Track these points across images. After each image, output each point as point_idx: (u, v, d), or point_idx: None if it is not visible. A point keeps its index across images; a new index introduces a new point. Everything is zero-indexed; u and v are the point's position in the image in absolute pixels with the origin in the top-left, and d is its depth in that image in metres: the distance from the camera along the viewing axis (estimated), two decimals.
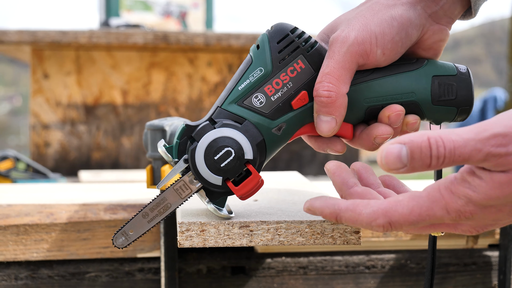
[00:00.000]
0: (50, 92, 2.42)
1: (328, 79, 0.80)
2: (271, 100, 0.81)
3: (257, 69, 0.81)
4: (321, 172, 2.57)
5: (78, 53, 2.44)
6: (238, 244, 0.82)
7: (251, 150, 0.80)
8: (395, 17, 0.81)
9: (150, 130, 1.03)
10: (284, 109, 0.82)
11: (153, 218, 0.84)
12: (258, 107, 0.81)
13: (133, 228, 0.85)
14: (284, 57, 0.81)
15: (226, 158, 0.80)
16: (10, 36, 2.26)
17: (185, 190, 0.83)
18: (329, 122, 0.81)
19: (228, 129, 0.80)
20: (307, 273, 1.10)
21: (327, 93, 0.80)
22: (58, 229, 1.04)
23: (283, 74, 0.81)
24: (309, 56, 0.82)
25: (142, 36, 2.33)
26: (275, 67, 0.81)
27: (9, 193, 1.18)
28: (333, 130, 0.82)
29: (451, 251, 1.14)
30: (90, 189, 1.26)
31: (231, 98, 0.82)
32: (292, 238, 0.82)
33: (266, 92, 0.81)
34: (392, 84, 0.82)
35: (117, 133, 2.45)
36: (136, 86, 2.47)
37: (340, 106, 0.80)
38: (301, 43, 0.82)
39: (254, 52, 0.83)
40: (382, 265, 1.12)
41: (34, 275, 1.06)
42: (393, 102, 0.82)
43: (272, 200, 0.97)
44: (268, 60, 0.81)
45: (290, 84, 0.81)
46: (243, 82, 0.82)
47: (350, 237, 0.83)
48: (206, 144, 0.80)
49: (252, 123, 0.81)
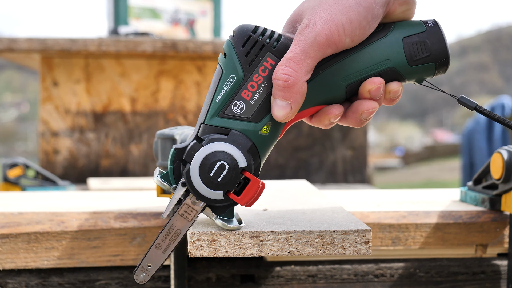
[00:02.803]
0: (59, 100, 2.43)
1: (288, 63, 0.79)
2: (251, 103, 0.81)
3: (229, 77, 0.81)
4: (329, 180, 2.57)
5: (87, 61, 2.45)
6: (248, 254, 0.82)
7: (243, 158, 0.80)
8: (359, 2, 0.80)
9: (161, 139, 1.04)
10: (265, 109, 0.81)
11: (167, 248, 0.85)
12: (240, 114, 0.81)
13: (150, 261, 0.86)
14: (252, 59, 0.81)
15: (221, 172, 0.80)
16: (20, 44, 2.27)
17: (190, 212, 0.83)
18: (284, 108, 0.80)
19: (216, 143, 0.80)
20: (316, 282, 1.11)
21: (285, 77, 0.79)
22: (68, 237, 1.05)
23: (255, 76, 0.81)
24: (277, 51, 0.81)
25: (151, 44, 2.34)
26: (246, 71, 0.81)
27: (20, 201, 1.18)
28: (288, 115, 0.80)
29: (460, 260, 1.14)
30: (100, 197, 1.26)
31: (212, 112, 0.81)
32: (302, 248, 0.83)
33: (244, 97, 0.81)
34: (365, 57, 0.82)
35: (126, 141, 2.46)
36: (144, 93, 2.48)
37: (297, 92, 0.80)
38: (265, 40, 0.81)
39: (222, 61, 0.82)
40: (391, 274, 1.12)
41: (45, 282, 1.07)
42: (371, 74, 0.82)
43: (281, 209, 0.97)
44: (238, 66, 0.81)
45: (265, 84, 0.81)
46: (219, 94, 0.81)
47: (360, 247, 0.83)
48: (198, 164, 0.80)
49: (238, 131, 0.81)
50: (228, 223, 0.82)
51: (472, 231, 1.11)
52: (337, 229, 0.83)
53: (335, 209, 0.97)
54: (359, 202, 1.19)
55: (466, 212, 1.12)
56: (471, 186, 1.20)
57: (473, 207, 1.16)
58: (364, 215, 1.09)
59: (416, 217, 1.11)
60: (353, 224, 0.85)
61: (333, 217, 0.91)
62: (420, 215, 1.11)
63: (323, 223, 0.86)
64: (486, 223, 1.11)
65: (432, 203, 1.19)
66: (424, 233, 1.10)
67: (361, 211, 1.10)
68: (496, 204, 1.12)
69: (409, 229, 1.10)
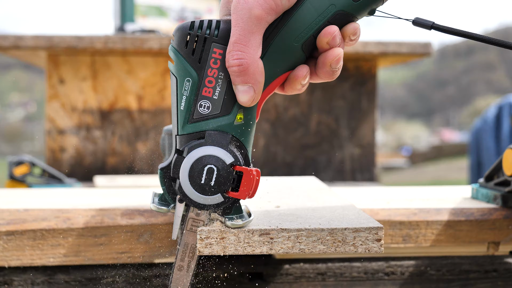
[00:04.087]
0: (66, 98, 2.42)
1: (236, 47, 0.77)
2: (215, 99, 0.79)
3: (185, 81, 0.79)
4: (336, 178, 2.55)
5: (94, 59, 2.44)
6: (258, 252, 0.81)
7: (228, 154, 0.79)
8: None
9: (168, 135, 1.02)
10: (231, 98, 0.80)
11: (189, 265, 0.85)
12: (209, 113, 0.79)
13: (177, 284, 0.85)
14: (200, 56, 0.79)
15: (211, 176, 0.79)
16: (26, 41, 2.26)
17: (197, 224, 0.82)
18: (247, 92, 0.79)
19: (196, 150, 0.79)
20: (326, 280, 1.09)
21: (237, 62, 0.77)
22: (75, 234, 1.04)
23: (209, 71, 0.79)
24: (220, 39, 0.79)
25: (157, 42, 2.33)
26: (198, 70, 0.79)
27: (26, 198, 1.17)
28: (254, 98, 0.79)
29: (472, 257, 1.12)
30: (107, 194, 1.25)
31: (181, 121, 0.80)
32: (313, 246, 0.81)
33: (206, 95, 0.79)
34: (308, 11, 0.80)
35: (132, 139, 2.45)
36: (151, 91, 2.47)
37: (255, 73, 0.78)
38: (205, 33, 0.79)
39: (173, 68, 0.81)
40: (402, 272, 1.10)
41: (51, 280, 1.05)
42: (321, 25, 0.80)
43: (291, 206, 0.96)
44: (188, 67, 0.79)
45: (221, 75, 0.79)
46: (181, 101, 0.80)
47: (371, 245, 0.82)
48: (187, 175, 0.79)
49: (213, 129, 0.79)
50: (239, 220, 0.81)
51: (484, 229, 1.09)
52: (349, 227, 0.81)
53: (346, 206, 0.95)
54: (369, 199, 1.18)
55: (478, 209, 1.11)
56: (483, 183, 1.18)
57: (485, 204, 1.14)
58: (374, 212, 1.08)
59: (427, 214, 1.09)
60: (365, 222, 0.84)
61: (344, 214, 0.89)
62: (431, 212, 1.09)
63: (334, 220, 0.85)
64: (498, 221, 1.09)
65: (443, 200, 1.18)
66: (435, 230, 1.08)
67: (371, 208, 1.09)
68: (509, 201, 1.10)
69: (420, 227, 1.08)
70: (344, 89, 2.57)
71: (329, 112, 2.56)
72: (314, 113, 2.56)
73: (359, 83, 2.59)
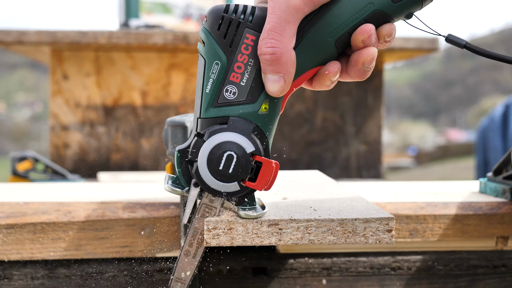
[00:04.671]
0: (70, 93, 2.41)
1: (270, 35, 0.76)
2: (242, 85, 0.78)
3: (213, 64, 0.78)
4: (342, 175, 2.53)
5: (98, 54, 2.42)
6: (267, 243, 0.79)
7: (249, 142, 0.77)
8: None
9: (171, 127, 1.01)
10: (258, 87, 0.78)
11: (196, 252, 0.83)
12: (234, 99, 0.78)
13: (183, 270, 0.84)
14: (231, 40, 0.78)
15: (230, 163, 0.77)
16: (29, 36, 2.25)
17: (210, 211, 0.81)
18: (277, 81, 0.77)
19: (217, 135, 0.77)
20: (331, 275, 1.07)
21: (271, 50, 0.76)
22: (75, 228, 1.02)
23: (239, 56, 0.78)
24: (254, 25, 0.78)
25: (161, 37, 2.31)
26: (228, 54, 0.78)
27: (26, 191, 1.16)
28: (283, 89, 0.78)
29: (480, 252, 1.10)
30: (109, 188, 1.23)
31: (205, 104, 0.79)
32: (323, 236, 0.79)
33: (233, 80, 0.78)
34: (346, 7, 0.78)
35: (136, 135, 2.43)
36: (155, 87, 2.45)
37: (287, 63, 0.77)
38: (240, 17, 0.78)
39: (202, 50, 0.79)
40: (408, 267, 1.08)
41: (51, 274, 1.04)
42: (357, 22, 0.78)
43: (298, 198, 0.94)
44: (219, 50, 0.78)
45: (251, 61, 0.78)
46: (208, 84, 0.78)
47: (382, 236, 0.80)
48: (205, 160, 0.77)
49: (237, 116, 0.78)
50: (252, 211, 0.79)
51: (492, 223, 1.07)
52: (359, 217, 0.80)
53: (354, 198, 0.94)
54: (375, 193, 1.16)
55: (486, 203, 1.09)
56: (491, 177, 1.16)
57: (494, 198, 1.12)
58: (381, 205, 1.06)
59: (434, 208, 1.07)
60: (375, 212, 0.82)
61: (352, 205, 0.88)
62: (439, 206, 1.07)
63: (344, 211, 0.83)
64: (507, 215, 1.07)
65: (450, 194, 1.16)
66: (443, 224, 1.06)
67: (377, 202, 1.07)
68: None
69: (427, 221, 1.06)
70: (350, 85, 2.55)
71: (334, 108, 2.54)
72: (319, 109, 2.53)
73: (365, 79, 2.57)
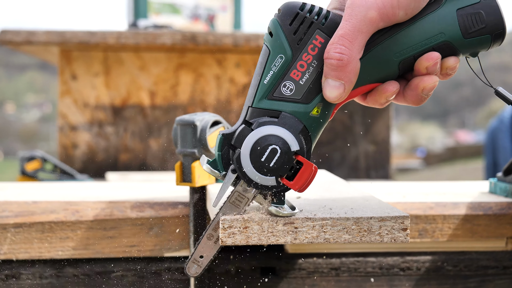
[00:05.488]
0: (78, 93, 2.41)
1: (341, 41, 0.76)
2: (300, 84, 0.78)
3: (277, 57, 0.78)
4: (351, 176, 2.52)
5: (106, 54, 2.43)
6: (282, 241, 0.79)
7: (296, 141, 0.77)
8: None
9: (180, 125, 1.00)
10: (316, 89, 0.78)
11: (218, 238, 0.82)
12: (290, 95, 0.78)
13: (202, 253, 0.84)
14: (301, 37, 0.78)
15: (273, 156, 0.77)
16: (38, 36, 2.25)
17: (241, 200, 0.80)
18: (337, 88, 0.77)
19: (266, 127, 0.77)
20: (339, 275, 1.07)
21: (338, 56, 0.76)
22: (84, 227, 1.02)
23: (305, 55, 0.78)
24: (326, 28, 0.78)
25: (170, 37, 2.31)
26: (294, 50, 0.78)
27: (35, 191, 1.16)
28: (341, 96, 0.77)
29: (490, 253, 1.09)
30: (117, 187, 1.23)
31: (260, 94, 0.79)
32: (338, 235, 0.79)
33: (293, 77, 0.78)
34: (418, 31, 0.78)
35: (145, 135, 2.43)
36: (164, 87, 2.45)
37: (351, 72, 0.76)
38: (313, 17, 0.78)
39: (269, 41, 0.79)
40: (418, 267, 1.08)
41: (59, 274, 1.04)
42: (425, 48, 0.78)
43: (311, 197, 0.94)
44: (286, 45, 0.78)
45: (314, 63, 0.78)
46: (267, 75, 0.78)
47: (398, 235, 0.80)
48: (249, 149, 0.77)
49: (288, 113, 0.78)
50: (282, 210, 0.79)
51: (502, 223, 1.06)
52: (374, 216, 0.79)
53: (366, 197, 0.93)
54: (384, 193, 1.15)
55: (496, 203, 1.08)
56: (501, 177, 1.15)
57: (503, 198, 1.11)
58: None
59: (443, 208, 1.06)
60: (390, 211, 0.82)
61: (365, 204, 0.87)
62: (448, 206, 1.07)
63: (358, 210, 0.83)
64: None
65: (460, 194, 1.15)
66: (452, 225, 1.05)
67: (387, 202, 1.06)
68: None
69: (437, 221, 1.05)
70: None
71: (343, 108, 2.53)
72: None
73: None
